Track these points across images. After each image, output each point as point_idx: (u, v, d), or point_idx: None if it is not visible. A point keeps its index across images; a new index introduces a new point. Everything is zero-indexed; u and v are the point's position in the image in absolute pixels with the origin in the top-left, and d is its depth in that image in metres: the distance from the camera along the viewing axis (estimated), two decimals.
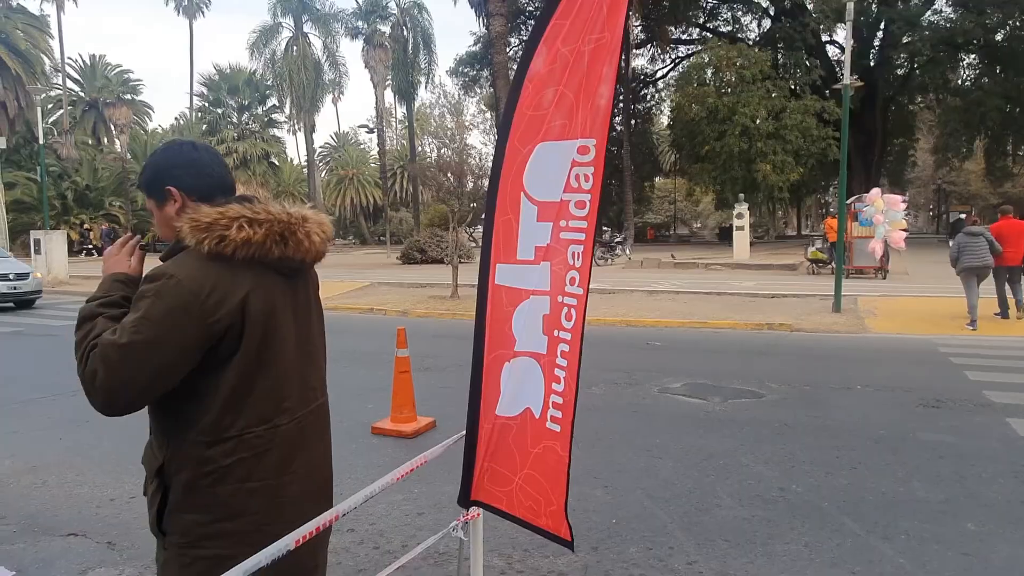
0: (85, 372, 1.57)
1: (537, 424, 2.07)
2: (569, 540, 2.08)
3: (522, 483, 2.12)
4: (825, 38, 34.00)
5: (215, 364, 1.63)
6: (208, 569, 1.64)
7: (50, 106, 33.66)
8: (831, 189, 45.56)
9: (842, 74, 12.93)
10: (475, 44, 36.22)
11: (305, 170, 48.95)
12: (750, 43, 33.47)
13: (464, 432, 2.38)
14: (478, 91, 40.12)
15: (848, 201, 16.29)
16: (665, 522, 3.89)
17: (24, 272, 15.34)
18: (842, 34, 29.63)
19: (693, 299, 14.34)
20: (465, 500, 2.36)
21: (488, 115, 50.03)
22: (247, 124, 41.98)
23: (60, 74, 37.10)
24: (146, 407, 1.69)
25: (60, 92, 38.41)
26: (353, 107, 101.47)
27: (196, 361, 1.60)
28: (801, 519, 3.90)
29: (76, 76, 45.49)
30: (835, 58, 34.91)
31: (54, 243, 21.05)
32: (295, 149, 59.86)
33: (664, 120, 42.08)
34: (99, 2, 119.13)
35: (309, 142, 42.17)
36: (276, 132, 45.41)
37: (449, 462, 2.51)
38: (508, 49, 32.96)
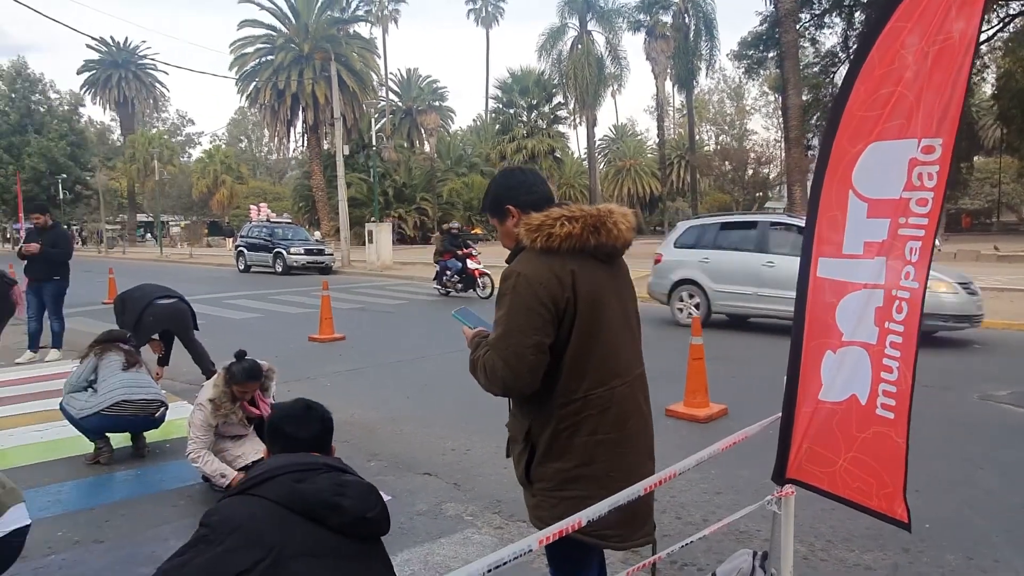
0: (487, 371, 2.07)
1: (864, 410, 2.19)
2: (906, 521, 2.15)
3: (848, 465, 2.25)
4: None
5: (560, 339, 2.06)
6: (572, 508, 2.03)
7: (375, 115, 39.30)
8: None
9: None
10: (761, 24, 34.32)
11: (585, 162, 50.76)
12: None
13: (778, 415, 2.56)
14: (762, 73, 38.09)
15: None
16: (987, 533, 3.64)
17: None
18: None
19: (1022, 298, 12.39)
20: (780, 477, 2.53)
21: (771, 97, 47.37)
22: (535, 121, 44.78)
23: (384, 87, 43.20)
24: None
25: (384, 103, 44.70)
26: (631, 99, 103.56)
27: (553, 337, 2.04)
28: None
29: (395, 88, 52.45)
30: None
31: (382, 233, 24.73)
32: (576, 142, 62.49)
33: (987, 90, 36.09)
34: (413, 19, 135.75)
35: (590, 135, 43.66)
36: (560, 128, 47.76)
37: (743, 448, 2.69)
38: (798, 26, 30.83)
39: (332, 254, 24.39)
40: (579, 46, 40.16)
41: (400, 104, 52.39)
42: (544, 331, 2.01)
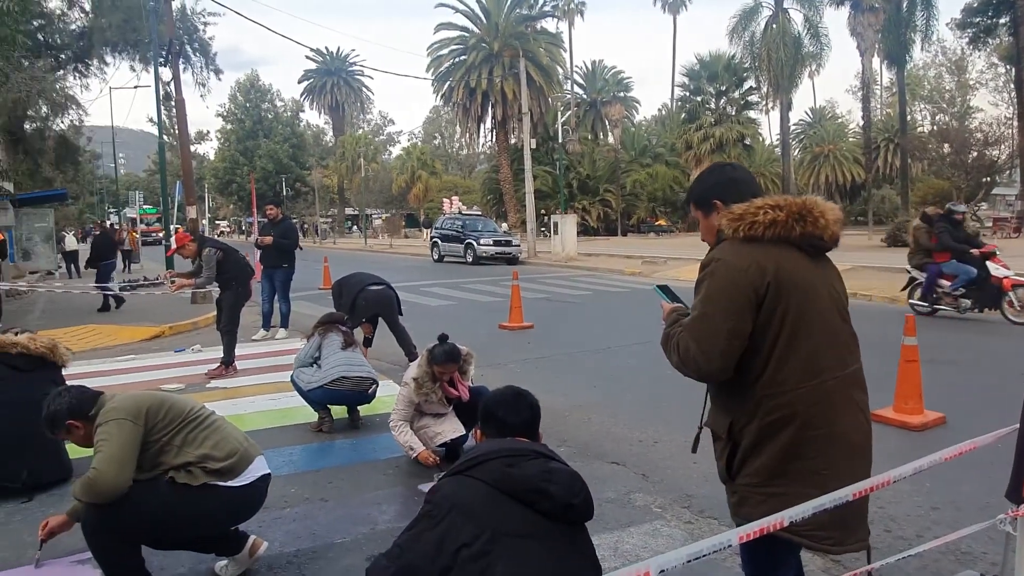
0: (680, 352, 2.07)
1: None
2: None
3: None
4: None
5: (764, 329, 2.00)
6: (779, 505, 1.98)
7: (561, 108, 39.90)
8: None
9: None
10: None
11: (777, 149, 47.87)
12: None
13: (1014, 427, 2.32)
14: (990, 42, 33.57)
15: None
16: None
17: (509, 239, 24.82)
18: None
19: None
20: (1016, 495, 2.29)
21: (1001, 69, 41.48)
22: (724, 108, 43.04)
23: (569, 81, 43.71)
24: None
25: (568, 96, 45.24)
26: (830, 79, 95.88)
27: (751, 324, 1.99)
28: None
29: (580, 81, 52.80)
30: None
31: (567, 225, 25.11)
32: (767, 128, 59.01)
33: None
34: (598, 11, 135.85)
35: (784, 120, 41.02)
36: (751, 114, 45.53)
37: (964, 462, 2.45)
38: None
39: (519, 245, 25.20)
40: (774, 26, 37.82)
41: (585, 96, 52.66)
42: (741, 318, 1.98)
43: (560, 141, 31.06)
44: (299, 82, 65.81)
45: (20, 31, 11.45)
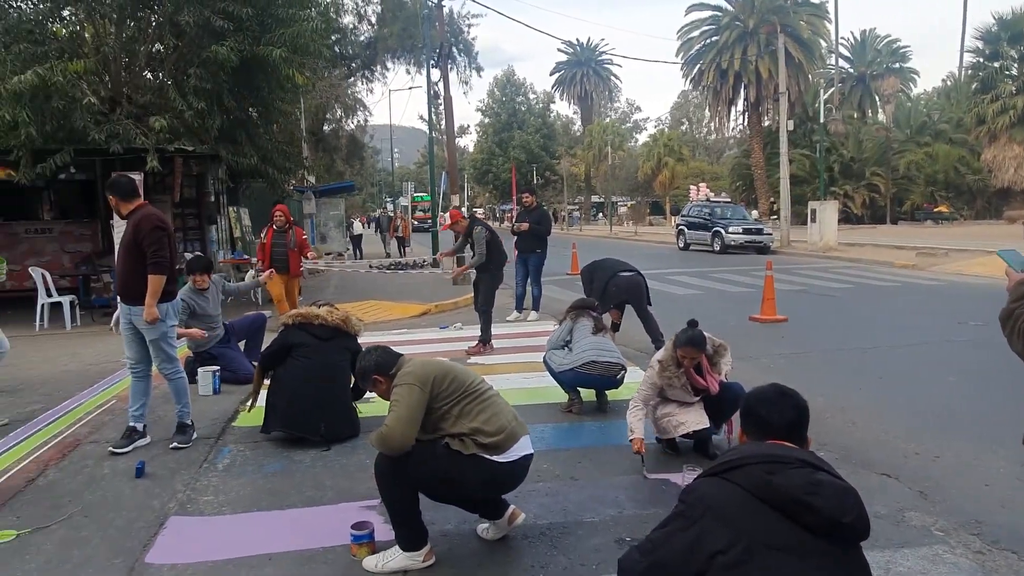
0: None
1: None
2: None
3: None
4: None
5: None
6: None
7: (822, 85, 36.61)
8: None
9: None
10: None
11: None
12: None
13: None
14: None
15: None
16: None
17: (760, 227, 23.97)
18: None
19: None
20: None
21: None
22: None
23: (832, 55, 39.88)
24: None
25: (832, 72, 41.38)
26: None
27: None
28: None
29: (846, 54, 47.95)
30: None
31: (826, 212, 23.14)
32: None
33: None
34: None
35: None
36: None
37: None
38: None
39: (770, 234, 23.81)
40: None
41: (851, 70, 47.79)
42: None
43: (821, 121, 28.58)
44: (550, 74, 68.35)
45: (325, 45, 13.31)
